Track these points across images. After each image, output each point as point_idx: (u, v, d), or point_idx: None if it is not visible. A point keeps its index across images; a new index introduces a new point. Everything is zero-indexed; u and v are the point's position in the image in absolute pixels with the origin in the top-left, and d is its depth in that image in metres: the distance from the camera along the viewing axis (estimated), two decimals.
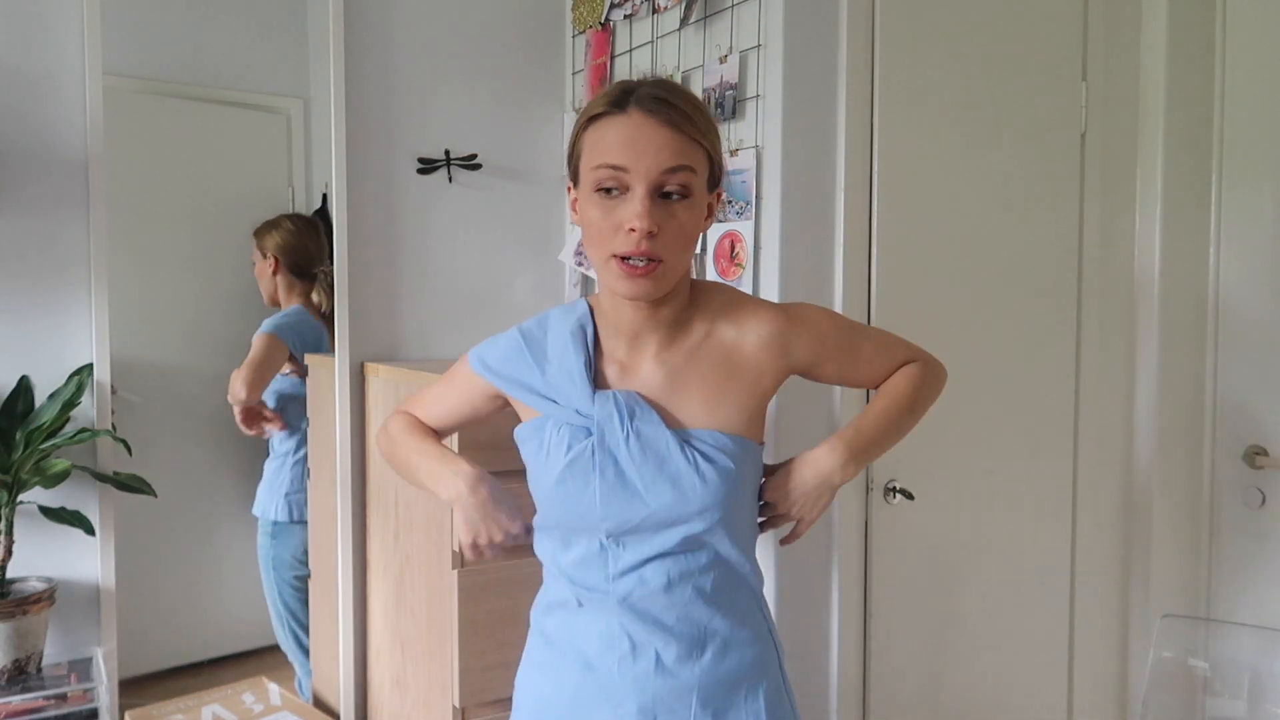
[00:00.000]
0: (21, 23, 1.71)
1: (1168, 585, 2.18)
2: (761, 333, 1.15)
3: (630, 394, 1.11)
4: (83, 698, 1.65)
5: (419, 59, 2.07)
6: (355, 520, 2.00)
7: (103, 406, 1.77)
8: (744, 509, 1.15)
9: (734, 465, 1.10)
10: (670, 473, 1.08)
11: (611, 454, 1.09)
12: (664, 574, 1.10)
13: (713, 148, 1.09)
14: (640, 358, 1.14)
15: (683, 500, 1.07)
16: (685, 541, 1.10)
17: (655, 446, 1.08)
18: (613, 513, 1.09)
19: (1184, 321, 2.16)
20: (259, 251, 2.09)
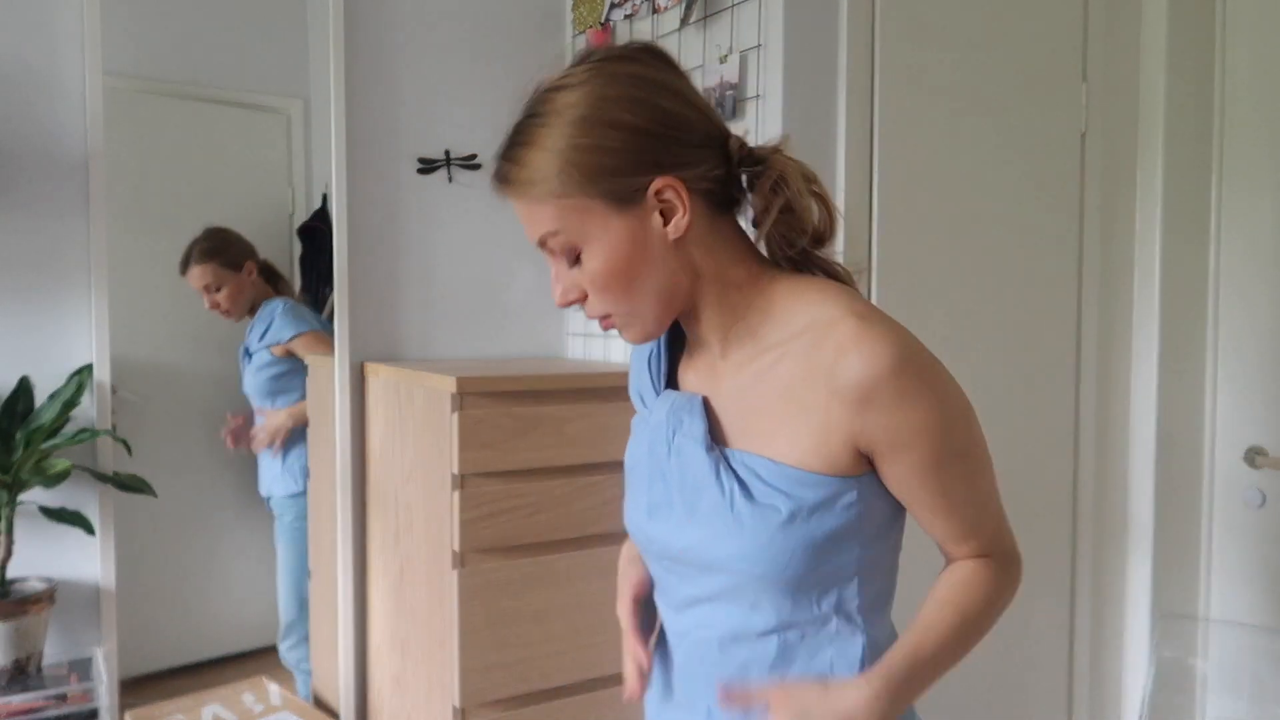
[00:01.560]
0: (21, 23, 1.71)
1: (1168, 585, 2.18)
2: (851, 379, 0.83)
3: (690, 398, 0.92)
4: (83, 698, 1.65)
5: (419, 59, 2.07)
6: (355, 520, 2.00)
7: (103, 406, 1.77)
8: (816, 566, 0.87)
9: (780, 507, 0.84)
10: (709, 503, 0.87)
11: (660, 467, 0.93)
12: (717, 626, 0.90)
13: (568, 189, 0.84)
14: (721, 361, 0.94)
15: (716, 540, 0.87)
16: (733, 590, 0.89)
17: (692, 470, 0.89)
18: (660, 532, 0.93)
19: (1184, 321, 2.16)
20: (229, 271, 2.04)
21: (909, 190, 1.87)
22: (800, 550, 0.86)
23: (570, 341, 2.27)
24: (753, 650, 0.90)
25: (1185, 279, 2.16)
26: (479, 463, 1.63)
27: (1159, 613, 2.12)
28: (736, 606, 0.90)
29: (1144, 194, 2.16)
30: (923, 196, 1.89)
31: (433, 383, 1.69)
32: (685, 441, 0.90)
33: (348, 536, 1.99)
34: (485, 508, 1.64)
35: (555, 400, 1.69)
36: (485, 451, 1.64)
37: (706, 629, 0.92)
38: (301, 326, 2.09)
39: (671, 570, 0.94)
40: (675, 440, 0.91)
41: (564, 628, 1.72)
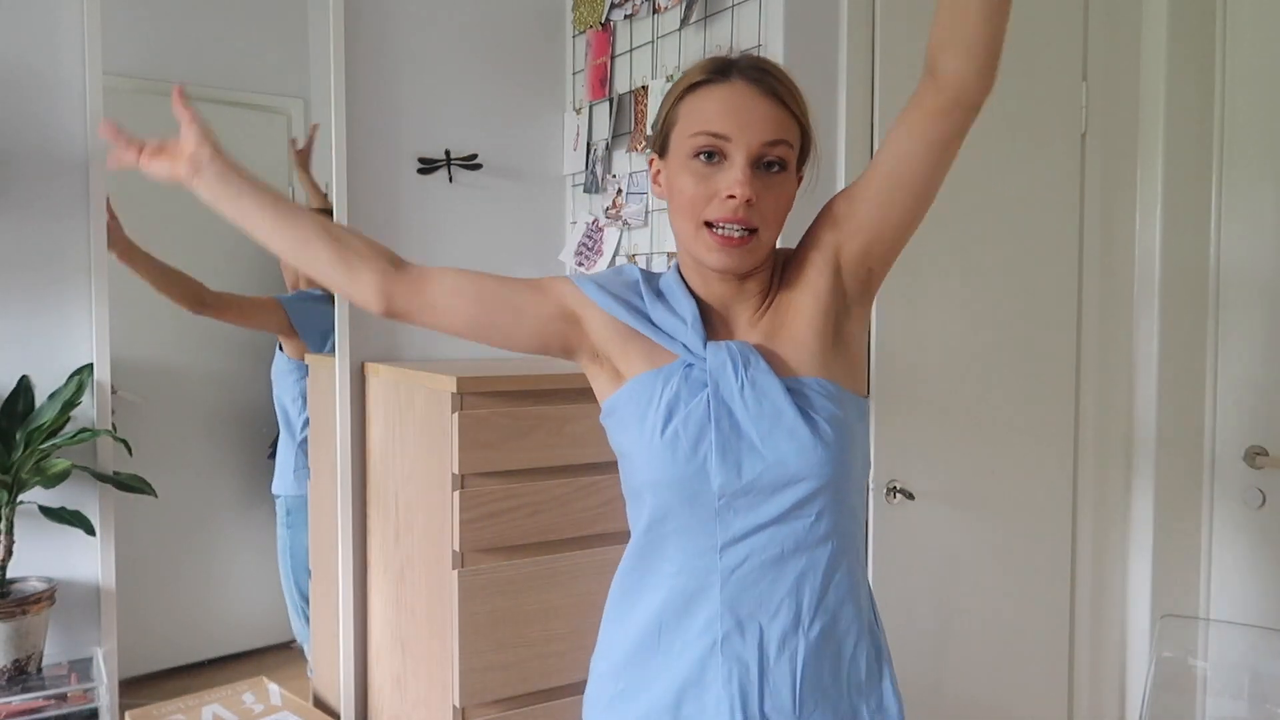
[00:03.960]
0: (22, 23, 1.71)
1: (1168, 585, 2.18)
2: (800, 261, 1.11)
3: (744, 344, 1.06)
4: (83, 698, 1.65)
5: (419, 59, 2.07)
6: (355, 520, 2.00)
7: (103, 406, 1.77)
8: (856, 465, 1.08)
9: (843, 414, 1.04)
10: (786, 426, 1.02)
11: (726, 405, 1.03)
12: (778, 544, 1.04)
13: (806, 126, 1.08)
14: (736, 320, 1.11)
15: (801, 454, 1.02)
16: (798, 506, 1.03)
17: (771, 397, 1.03)
18: (729, 467, 1.03)
19: (1184, 322, 2.16)
20: None
21: None
22: (860, 454, 1.07)
23: None
24: (811, 558, 1.05)
25: (1185, 278, 2.16)
26: (479, 463, 1.63)
27: (1159, 613, 2.12)
28: (800, 521, 1.04)
29: (1144, 194, 2.16)
30: None
31: (433, 383, 1.69)
32: (759, 375, 1.04)
33: (348, 536, 1.99)
34: (485, 508, 1.64)
35: (555, 400, 1.69)
36: (485, 451, 1.64)
37: (764, 551, 1.04)
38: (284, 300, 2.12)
39: (731, 505, 1.04)
40: (749, 374, 1.04)
41: (564, 628, 1.72)
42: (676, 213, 1.06)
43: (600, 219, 2.12)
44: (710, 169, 1.02)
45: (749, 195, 1.00)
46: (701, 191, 1.02)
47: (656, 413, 1.05)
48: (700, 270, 1.09)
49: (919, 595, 1.94)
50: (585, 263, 2.15)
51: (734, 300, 1.10)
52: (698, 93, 1.05)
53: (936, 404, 1.94)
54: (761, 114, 1.02)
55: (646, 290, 1.11)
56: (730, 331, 1.10)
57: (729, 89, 1.03)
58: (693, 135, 1.03)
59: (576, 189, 2.23)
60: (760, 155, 1.02)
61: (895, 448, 1.87)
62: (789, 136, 1.04)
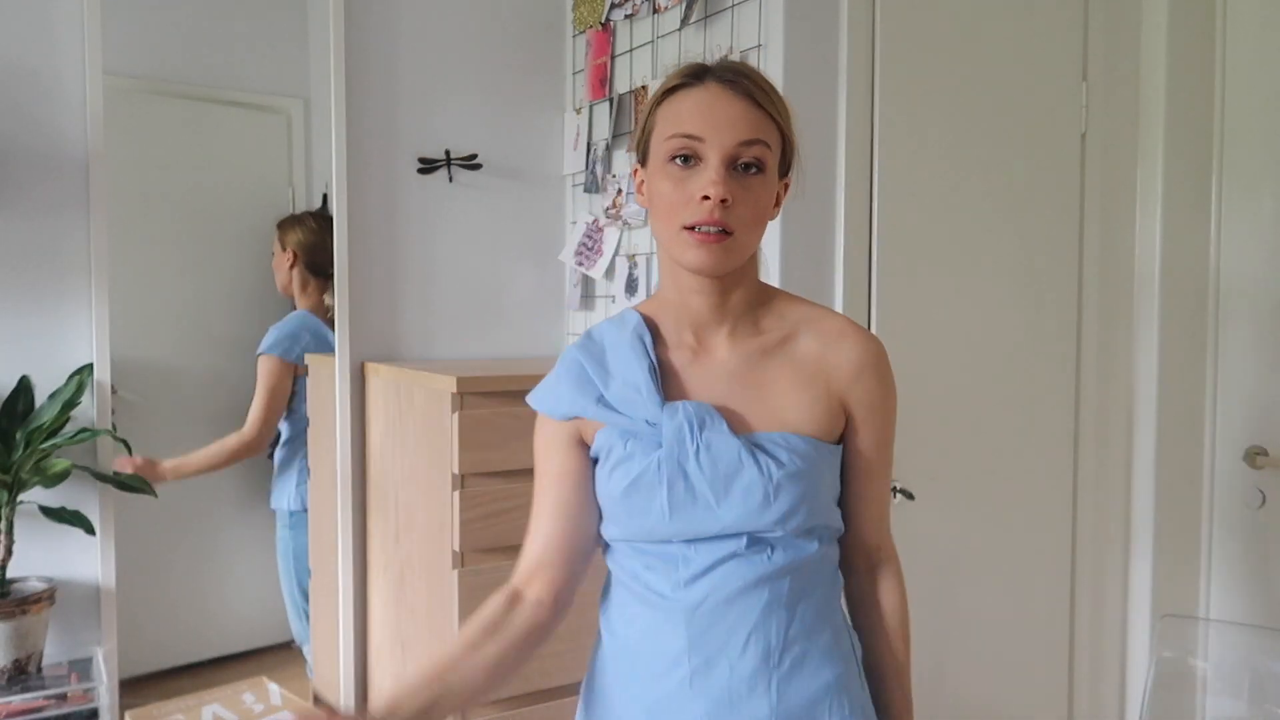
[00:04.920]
0: (22, 23, 1.71)
1: (1168, 585, 2.18)
2: (851, 356, 1.09)
3: (701, 405, 1.05)
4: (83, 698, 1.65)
5: (419, 59, 2.07)
6: (355, 520, 2.00)
7: (103, 406, 1.77)
8: (822, 510, 1.08)
9: (808, 468, 1.04)
10: (743, 484, 1.02)
11: (681, 467, 1.03)
12: (739, 578, 1.04)
13: (786, 129, 1.06)
14: (710, 345, 1.10)
15: (756, 512, 1.02)
16: (755, 544, 1.04)
17: (726, 458, 1.03)
18: (682, 526, 1.04)
19: (1184, 321, 2.16)
20: (279, 244, 2.11)
21: (909, 190, 1.87)
22: (821, 499, 1.07)
23: (570, 341, 2.27)
24: (773, 590, 1.05)
25: (1185, 279, 2.16)
26: (479, 463, 1.63)
27: (1159, 613, 2.12)
28: (758, 555, 1.04)
29: (1144, 194, 2.16)
30: (923, 196, 1.89)
31: (433, 383, 1.69)
32: (715, 436, 1.04)
33: (348, 537, 1.99)
34: (485, 508, 1.64)
35: None
36: (485, 451, 1.64)
37: (725, 586, 1.04)
38: (265, 347, 2.09)
39: (690, 547, 1.05)
40: (704, 436, 1.04)
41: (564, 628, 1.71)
42: (656, 218, 1.06)
43: (600, 219, 2.13)
44: (686, 172, 1.02)
45: (723, 195, 0.99)
46: (679, 195, 1.01)
47: (612, 468, 1.07)
48: (679, 283, 1.08)
49: (919, 595, 1.93)
50: (585, 262, 2.15)
51: (714, 316, 1.09)
52: (673, 97, 1.05)
53: (936, 404, 1.94)
54: (735, 114, 1.01)
55: (595, 370, 1.09)
56: (707, 348, 1.09)
57: (703, 91, 1.03)
58: (668, 139, 1.03)
59: (576, 189, 2.23)
60: (735, 156, 1.01)
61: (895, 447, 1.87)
62: (765, 137, 1.03)
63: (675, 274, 1.08)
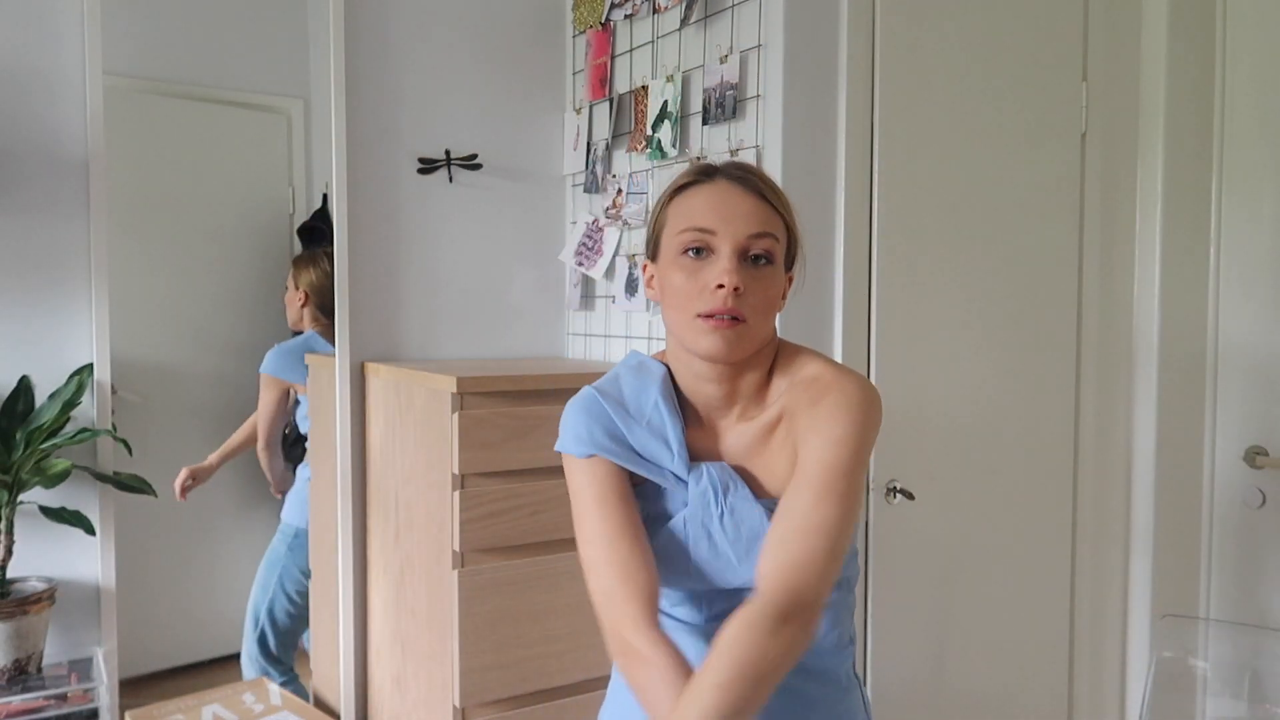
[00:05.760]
0: (22, 23, 1.71)
1: (1168, 585, 2.18)
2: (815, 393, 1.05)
3: (724, 468, 1.09)
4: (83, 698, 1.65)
5: (419, 59, 2.07)
6: (355, 520, 2.00)
7: (103, 406, 1.77)
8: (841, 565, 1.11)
9: None
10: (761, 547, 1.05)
11: (705, 529, 1.08)
12: None
13: (791, 224, 1.11)
14: (719, 426, 1.12)
15: None
16: None
17: (749, 523, 1.07)
18: (706, 578, 1.09)
19: (1184, 320, 2.16)
20: (293, 281, 2.12)
21: (909, 190, 1.87)
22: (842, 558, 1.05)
23: (570, 341, 2.27)
24: None
25: (1185, 279, 2.16)
26: (479, 463, 1.63)
27: (1159, 613, 2.12)
28: None
29: (1144, 194, 2.16)
30: (923, 196, 1.89)
31: (433, 383, 1.69)
32: (739, 502, 1.07)
33: (348, 536, 1.99)
34: (485, 508, 1.64)
35: (555, 400, 1.69)
36: (485, 451, 1.64)
37: None
38: (265, 365, 2.12)
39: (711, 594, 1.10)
40: (729, 501, 1.07)
41: (564, 628, 1.72)
42: (669, 309, 1.08)
43: (600, 219, 2.13)
44: (699, 263, 1.05)
45: (736, 283, 1.02)
46: (692, 285, 1.04)
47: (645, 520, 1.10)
48: (691, 368, 1.09)
49: (919, 595, 1.94)
50: (585, 262, 2.15)
51: (725, 402, 1.10)
52: (684, 194, 1.09)
53: (936, 403, 1.95)
54: (746, 209, 1.05)
55: (620, 416, 1.10)
56: (715, 433, 1.11)
57: (714, 188, 1.07)
58: (680, 232, 1.06)
59: (576, 189, 2.23)
60: (746, 248, 1.05)
61: (895, 448, 1.87)
62: (774, 230, 1.07)
63: (689, 364, 1.10)
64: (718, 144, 1.81)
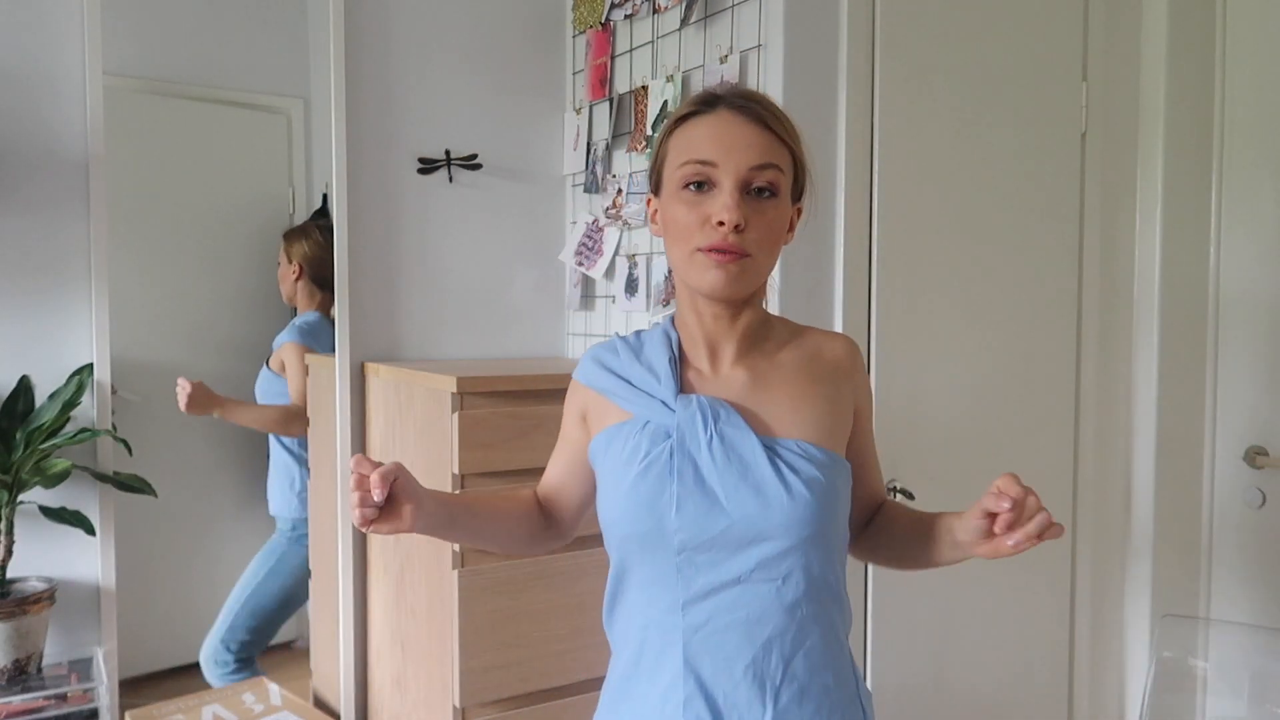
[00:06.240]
0: (22, 23, 1.71)
1: (1168, 585, 2.18)
2: (836, 349, 1.15)
3: (715, 399, 1.06)
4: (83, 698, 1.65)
5: (419, 59, 2.08)
6: None
7: (103, 406, 1.77)
8: (834, 531, 1.06)
9: (823, 477, 1.03)
10: (754, 481, 1.01)
11: (691, 457, 1.03)
12: (742, 607, 1.02)
13: (799, 153, 1.08)
14: (720, 364, 1.11)
15: (767, 511, 1.01)
16: (766, 566, 1.02)
17: (739, 451, 1.03)
18: (689, 521, 1.01)
19: (1184, 321, 2.16)
20: (285, 255, 2.11)
21: (909, 190, 1.87)
22: (835, 515, 1.05)
23: (570, 341, 2.27)
24: (778, 625, 1.02)
25: (1185, 279, 2.16)
26: (479, 463, 1.63)
27: (1159, 613, 2.12)
28: (766, 584, 1.02)
29: (1144, 194, 2.16)
30: (923, 196, 1.89)
31: (433, 383, 1.69)
32: (729, 429, 1.04)
33: (348, 536, 1.99)
34: None
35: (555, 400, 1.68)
36: (485, 451, 1.64)
37: (729, 613, 1.02)
38: (289, 336, 2.11)
39: (693, 561, 1.02)
40: (719, 428, 1.04)
41: (564, 628, 1.72)
42: (671, 244, 1.07)
43: (600, 219, 2.13)
44: (700, 197, 1.03)
45: (738, 220, 1.00)
46: (693, 219, 1.02)
47: (620, 465, 1.07)
48: (695, 306, 1.09)
49: (919, 595, 1.94)
50: (585, 262, 2.15)
51: (725, 336, 1.10)
52: (685, 125, 1.07)
53: (936, 403, 1.94)
54: (748, 139, 1.02)
55: (626, 353, 1.13)
56: (715, 370, 1.10)
57: (715, 118, 1.05)
58: (681, 165, 1.04)
59: (576, 189, 2.23)
60: (749, 180, 1.02)
61: (895, 447, 1.87)
62: (778, 161, 1.04)
63: (692, 300, 1.09)
64: None
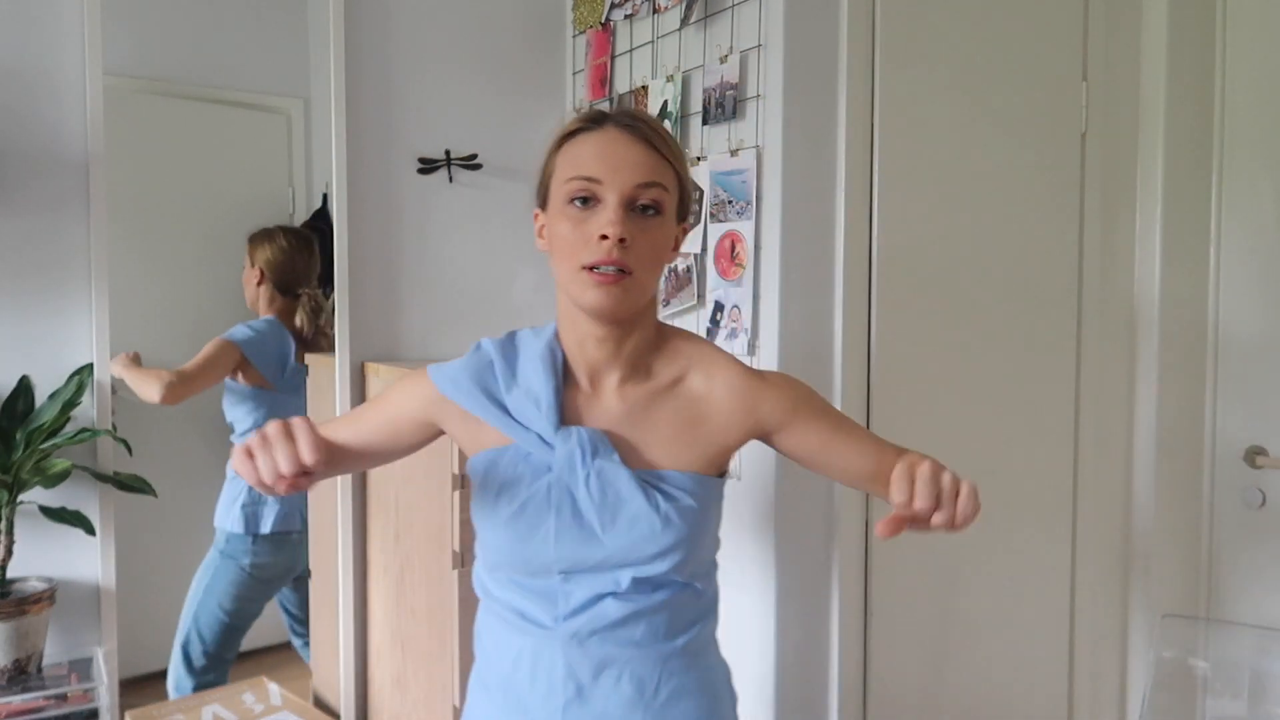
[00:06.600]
0: (21, 23, 1.71)
1: (1168, 585, 2.18)
2: (733, 383, 1.12)
3: (595, 432, 1.07)
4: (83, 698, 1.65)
5: (419, 59, 2.07)
6: (356, 521, 2.00)
7: (103, 406, 1.77)
8: (705, 545, 1.12)
9: (697, 505, 1.07)
10: (629, 514, 1.04)
11: (569, 493, 1.05)
12: (617, 611, 1.07)
13: (683, 174, 1.10)
14: (602, 389, 1.11)
15: (642, 542, 1.04)
16: (640, 582, 1.07)
17: (616, 487, 1.05)
18: (567, 552, 1.05)
19: (1184, 320, 2.16)
20: (249, 258, 2.07)
21: (909, 190, 1.87)
22: (707, 535, 1.11)
23: None
24: (650, 623, 1.07)
25: (1185, 279, 2.16)
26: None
27: (1159, 613, 2.12)
28: (641, 596, 1.07)
29: (1144, 194, 2.16)
30: (923, 196, 1.89)
31: None
32: (606, 466, 1.05)
33: (348, 537, 1.99)
34: None
35: None
36: None
37: (604, 619, 1.07)
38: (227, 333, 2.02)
39: (570, 579, 1.07)
40: (596, 464, 1.05)
41: None
42: (557, 260, 1.06)
43: None
44: (586, 213, 1.03)
45: (621, 234, 1.00)
46: (578, 236, 1.03)
47: (500, 493, 1.07)
48: (577, 326, 1.08)
49: (919, 595, 1.94)
50: None
51: (609, 362, 1.10)
52: (573, 141, 1.08)
53: (936, 403, 1.94)
54: (634, 158, 1.04)
55: (503, 370, 1.10)
56: (597, 395, 1.10)
57: (602, 135, 1.06)
58: (568, 181, 1.05)
59: None
60: (634, 198, 1.03)
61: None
62: (663, 180, 1.05)
63: (574, 318, 1.08)
64: (718, 144, 1.81)
